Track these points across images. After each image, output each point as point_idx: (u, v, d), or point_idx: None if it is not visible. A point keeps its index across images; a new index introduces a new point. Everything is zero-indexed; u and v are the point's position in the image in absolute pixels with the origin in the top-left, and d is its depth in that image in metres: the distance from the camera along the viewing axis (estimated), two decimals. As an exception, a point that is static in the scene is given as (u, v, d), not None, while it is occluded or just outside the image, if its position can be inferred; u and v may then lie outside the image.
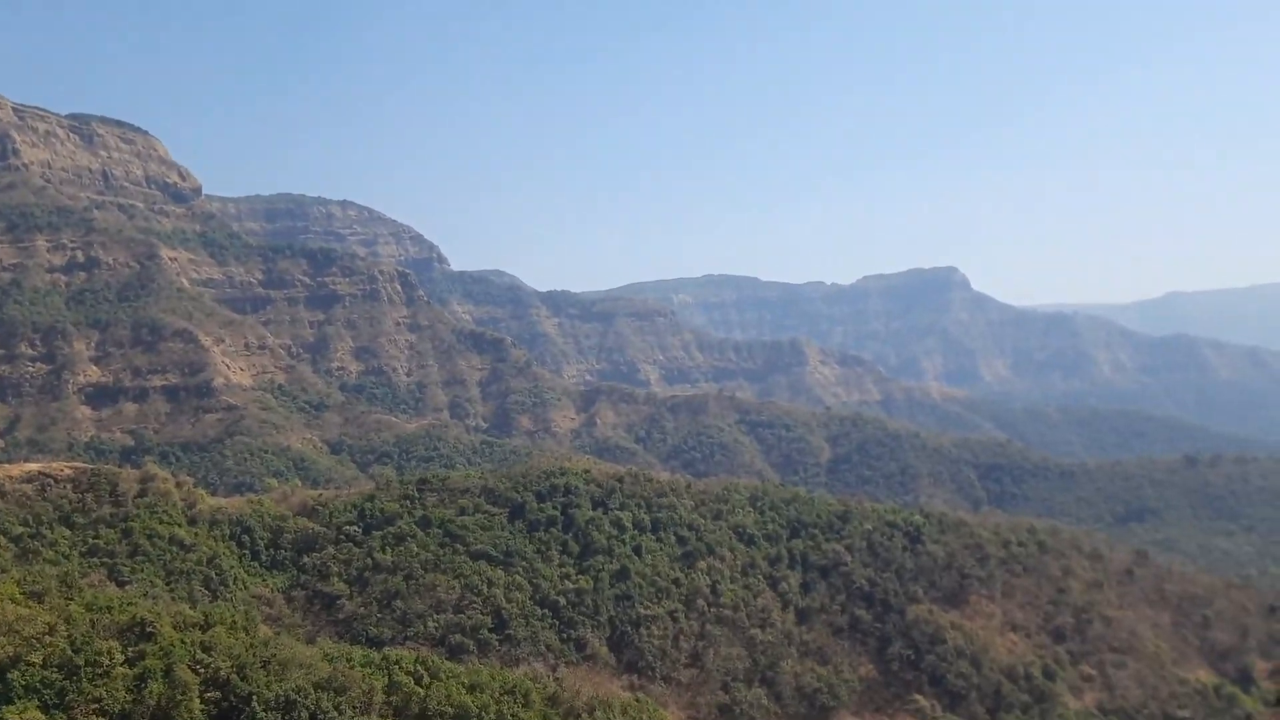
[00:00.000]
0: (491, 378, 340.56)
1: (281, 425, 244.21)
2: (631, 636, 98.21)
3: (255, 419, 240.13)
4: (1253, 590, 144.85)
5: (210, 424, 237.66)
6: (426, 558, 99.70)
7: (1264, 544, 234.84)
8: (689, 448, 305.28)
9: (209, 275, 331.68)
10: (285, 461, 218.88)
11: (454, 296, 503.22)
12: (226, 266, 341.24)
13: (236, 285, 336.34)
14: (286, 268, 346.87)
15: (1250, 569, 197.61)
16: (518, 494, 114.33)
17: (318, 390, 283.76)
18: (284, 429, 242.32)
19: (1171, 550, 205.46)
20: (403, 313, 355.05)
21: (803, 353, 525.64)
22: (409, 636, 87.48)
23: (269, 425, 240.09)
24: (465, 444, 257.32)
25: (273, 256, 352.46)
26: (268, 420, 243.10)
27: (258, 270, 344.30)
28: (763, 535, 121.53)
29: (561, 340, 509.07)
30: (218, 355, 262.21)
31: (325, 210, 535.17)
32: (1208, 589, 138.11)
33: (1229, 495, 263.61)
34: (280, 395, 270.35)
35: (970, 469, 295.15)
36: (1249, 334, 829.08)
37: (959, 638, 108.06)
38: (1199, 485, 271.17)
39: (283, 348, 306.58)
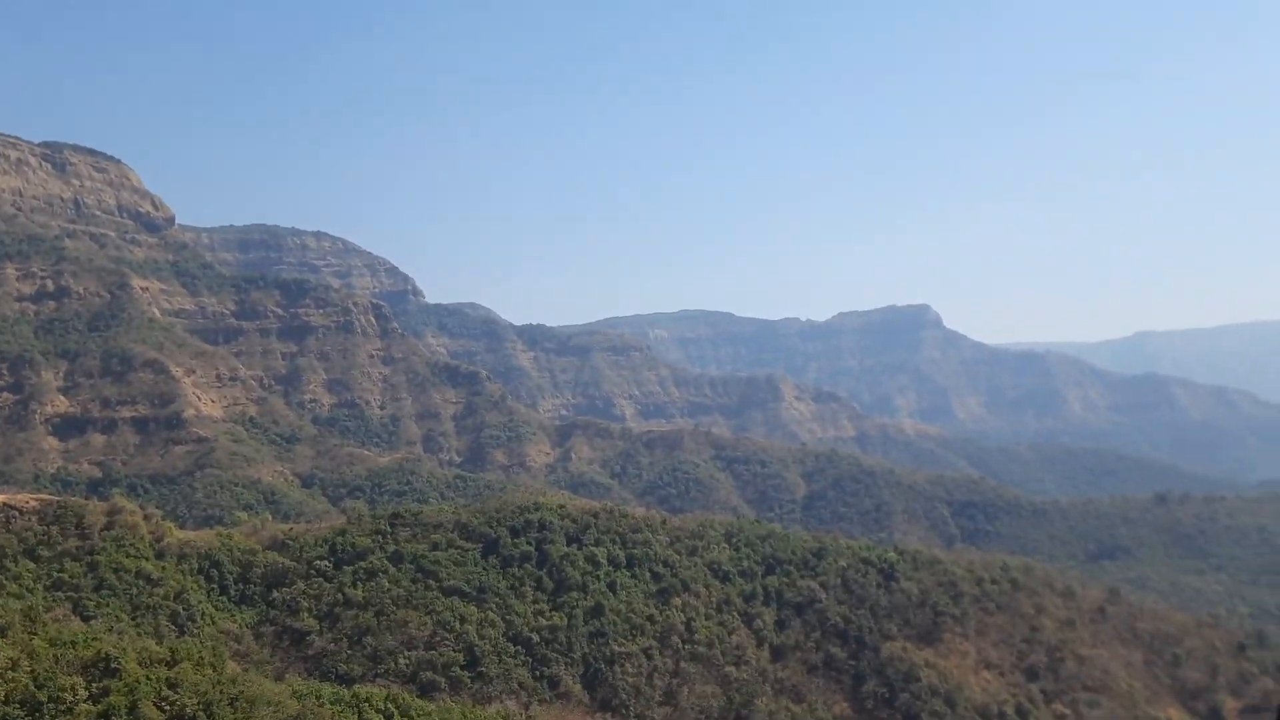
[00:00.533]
0: (466, 411, 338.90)
1: (252, 458, 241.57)
2: (605, 674, 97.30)
3: (226, 451, 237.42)
4: (1222, 628, 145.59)
5: (180, 456, 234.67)
6: (398, 593, 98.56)
7: (1232, 582, 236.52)
8: (664, 483, 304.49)
9: (181, 305, 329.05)
10: (256, 494, 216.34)
11: (429, 329, 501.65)
12: (199, 297, 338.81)
13: (209, 316, 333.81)
14: (259, 299, 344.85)
15: (1220, 607, 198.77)
16: (491, 529, 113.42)
17: (289, 423, 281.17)
18: (255, 461, 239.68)
19: (1143, 588, 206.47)
20: (376, 345, 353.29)
21: (778, 389, 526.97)
22: (380, 673, 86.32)
23: (239, 458, 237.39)
24: (439, 478, 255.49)
25: (245, 287, 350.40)
26: (238, 453, 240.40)
27: (230, 301, 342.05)
28: (738, 572, 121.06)
29: (537, 374, 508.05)
30: (188, 386, 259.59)
31: (299, 241, 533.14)
32: (1179, 627, 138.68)
33: (1199, 534, 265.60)
34: (251, 427, 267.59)
35: (944, 506, 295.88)
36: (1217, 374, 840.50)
37: (933, 676, 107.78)
38: (1170, 523, 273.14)
39: (254, 379, 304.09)
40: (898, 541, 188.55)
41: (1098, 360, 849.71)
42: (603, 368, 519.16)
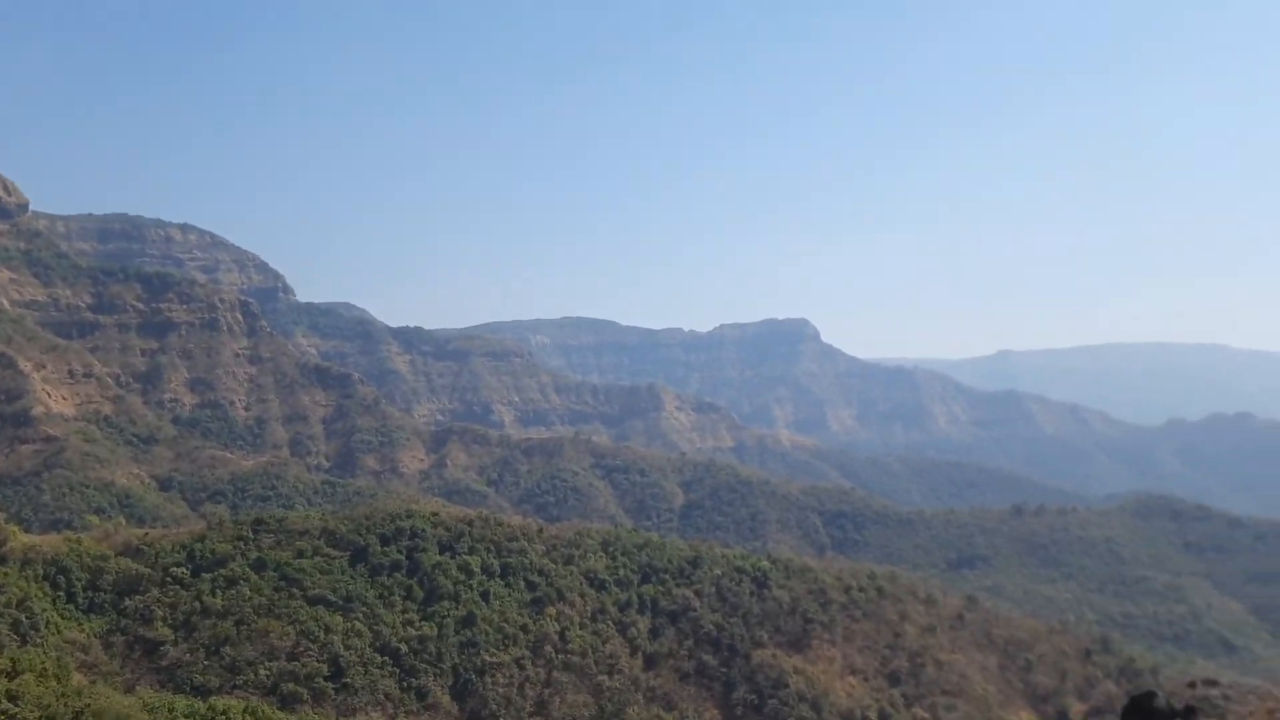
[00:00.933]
0: (336, 415, 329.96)
1: (106, 459, 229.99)
2: (475, 685, 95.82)
3: (77, 451, 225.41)
4: (1071, 634, 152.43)
5: (27, 455, 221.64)
6: (260, 602, 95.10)
7: (1081, 590, 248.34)
8: (542, 491, 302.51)
9: (32, 297, 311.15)
10: (109, 497, 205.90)
11: (299, 329, 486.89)
12: (52, 288, 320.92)
13: (62, 308, 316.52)
14: (118, 292, 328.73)
15: (1069, 614, 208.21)
16: (360, 536, 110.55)
17: (147, 423, 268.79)
18: (109, 463, 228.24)
19: (999, 595, 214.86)
20: (243, 344, 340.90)
21: (659, 398, 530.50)
22: (238, 685, 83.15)
23: (92, 458, 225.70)
24: (306, 483, 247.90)
25: (104, 279, 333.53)
26: (91, 453, 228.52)
27: (86, 293, 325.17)
28: (614, 580, 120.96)
29: (413, 378, 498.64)
30: (38, 382, 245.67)
31: (163, 233, 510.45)
32: (1031, 633, 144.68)
33: (1051, 544, 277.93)
34: (106, 427, 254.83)
35: (816, 515, 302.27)
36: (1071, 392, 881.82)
37: (801, 682, 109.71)
38: (1025, 534, 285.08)
39: (111, 376, 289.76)
40: (771, 550, 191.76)
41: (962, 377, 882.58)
42: (482, 373, 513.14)
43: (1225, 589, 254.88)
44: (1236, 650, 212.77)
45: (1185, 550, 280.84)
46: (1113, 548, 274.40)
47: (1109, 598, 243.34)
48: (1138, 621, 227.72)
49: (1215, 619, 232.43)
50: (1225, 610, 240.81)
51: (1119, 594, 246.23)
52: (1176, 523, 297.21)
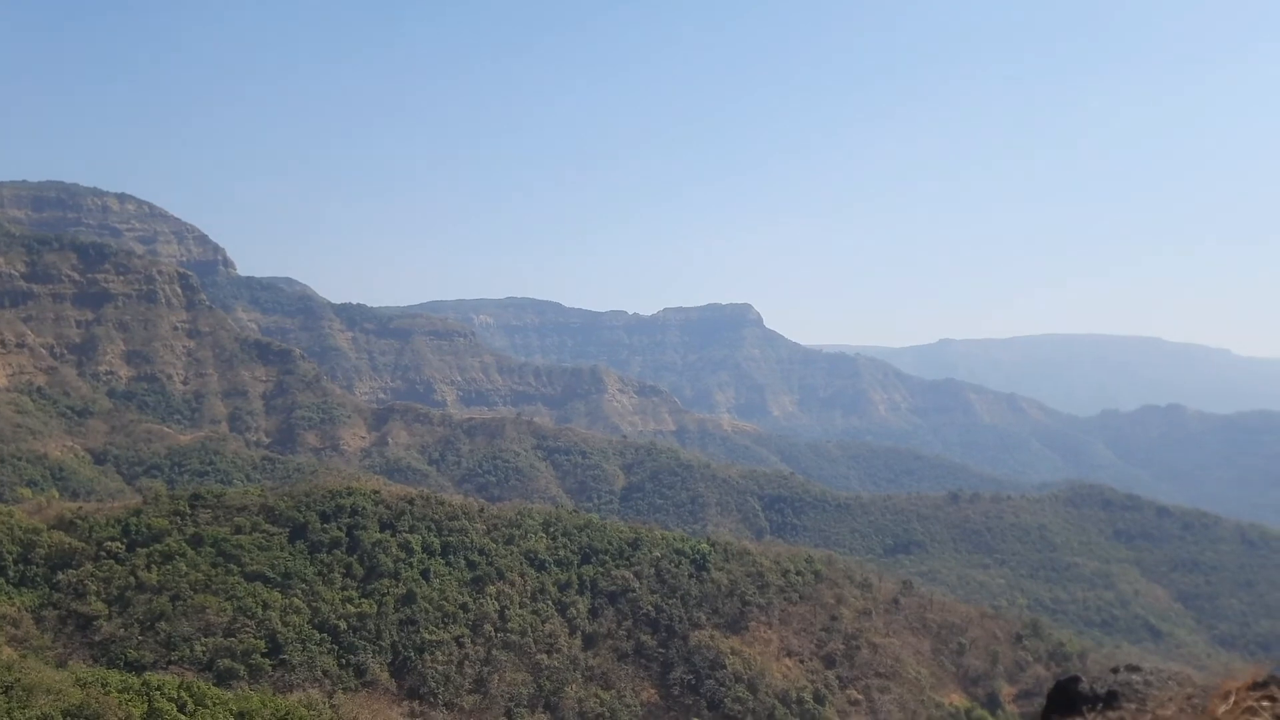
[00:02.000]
0: (277, 390, 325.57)
1: (39, 431, 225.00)
2: (415, 662, 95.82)
3: (9, 423, 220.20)
4: (1002, 619, 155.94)
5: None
6: (196, 578, 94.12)
7: (1014, 576, 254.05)
8: (484, 471, 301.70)
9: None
10: (41, 470, 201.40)
11: (239, 303, 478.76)
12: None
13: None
14: (53, 261, 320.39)
15: (1001, 599, 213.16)
16: (300, 513, 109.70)
17: (82, 395, 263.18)
18: (42, 435, 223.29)
19: (934, 581, 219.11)
20: (182, 317, 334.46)
21: (602, 381, 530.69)
22: (173, 661, 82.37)
23: (24, 430, 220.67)
24: (245, 459, 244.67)
25: (38, 248, 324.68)
26: (23, 425, 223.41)
27: (20, 262, 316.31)
28: (554, 561, 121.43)
29: (355, 355, 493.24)
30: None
31: (101, 202, 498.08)
32: (964, 618, 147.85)
33: (985, 530, 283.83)
34: (39, 398, 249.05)
35: (755, 499, 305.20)
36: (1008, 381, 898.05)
37: (738, 663, 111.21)
38: (960, 520, 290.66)
39: (44, 347, 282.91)
40: (710, 533, 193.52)
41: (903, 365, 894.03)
42: (424, 351, 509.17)
43: (1152, 576, 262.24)
44: (1162, 636, 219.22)
45: (1114, 538, 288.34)
46: (1045, 535, 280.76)
47: (1040, 583, 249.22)
48: (1067, 607, 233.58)
49: (1141, 605, 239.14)
50: (1151, 597, 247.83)
51: (1050, 580, 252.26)
52: (1107, 511, 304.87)
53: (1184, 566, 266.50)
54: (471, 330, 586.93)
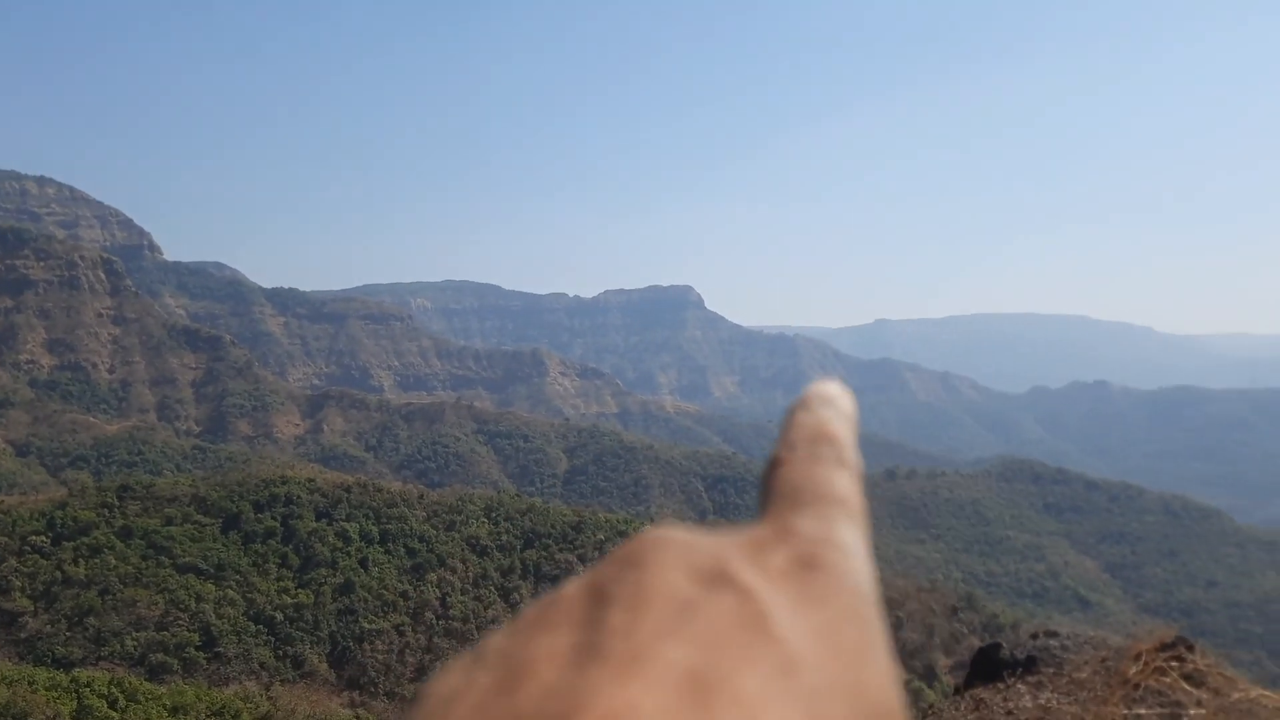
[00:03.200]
0: (207, 378, 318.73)
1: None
2: (354, 652, 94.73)
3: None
4: (939, 593, 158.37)
5: None
6: (126, 571, 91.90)
7: (949, 550, 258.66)
8: (424, 457, 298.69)
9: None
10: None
11: (167, 288, 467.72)
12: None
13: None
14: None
15: (938, 573, 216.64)
16: (232, 503, 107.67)
17: (2, 385, 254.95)
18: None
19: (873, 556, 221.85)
20: (106, 303, 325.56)
21: (543, 363, 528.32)
22: (103, 656, 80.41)
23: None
24: (175, 448, 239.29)
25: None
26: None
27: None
28: (496, 546, 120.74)
29: (288, 341, 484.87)
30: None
31: (18, 186, 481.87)
32: (901, 593, 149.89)
33: (922, 506, 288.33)
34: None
35: (698, 480, 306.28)
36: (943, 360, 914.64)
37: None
38: (897, 497, 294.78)
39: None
40: (654, 514, 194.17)
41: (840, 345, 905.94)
42: (360, 336, 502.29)
43: (1081, 548, 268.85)
44: (1091, 605, 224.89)
45: (1045, 511, 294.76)
46: (979, 509, 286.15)
47: (975, 557, 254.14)
48: (1000, 579, 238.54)
49: (1071, 576, 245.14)
50: (1081, 568, 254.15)
51: (984, 553, 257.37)
52: (1037, 485, 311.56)
53: (1111, 538, 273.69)
54: (409, 314, 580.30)
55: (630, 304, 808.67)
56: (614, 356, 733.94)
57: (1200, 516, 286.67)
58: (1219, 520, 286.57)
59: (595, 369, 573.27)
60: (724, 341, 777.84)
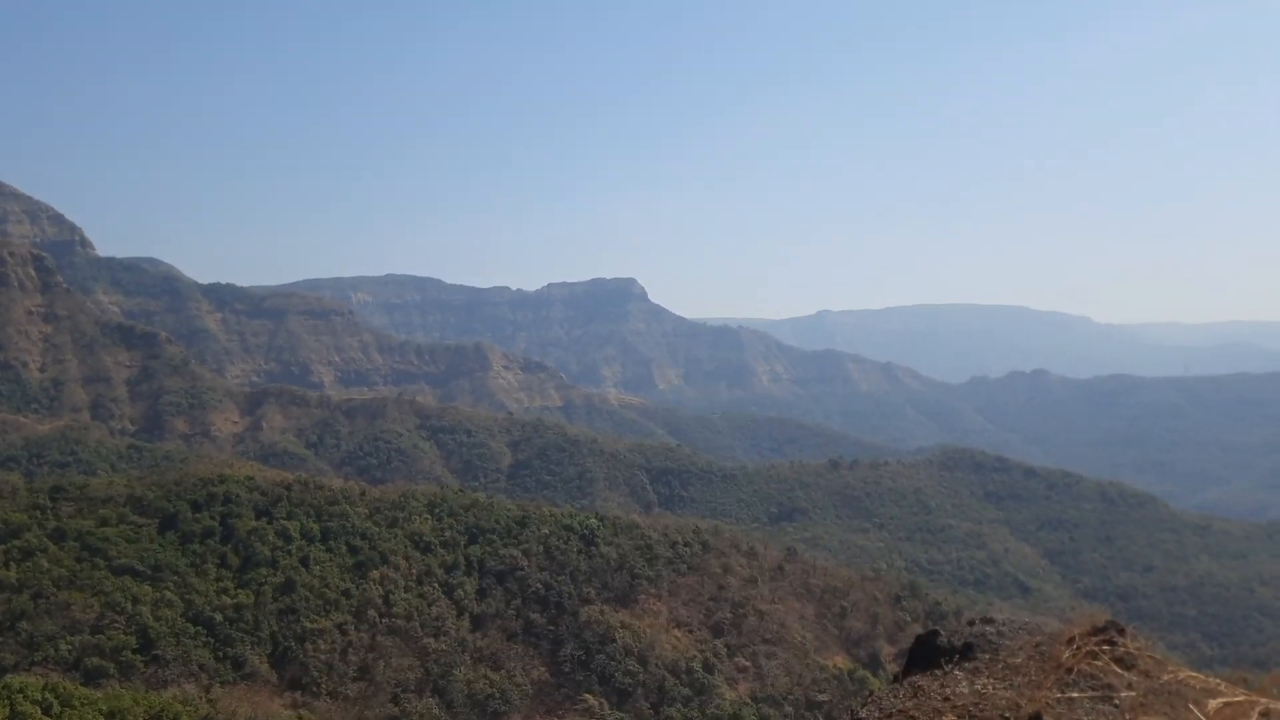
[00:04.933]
0: (142, 376, 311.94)
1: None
2: (296, 652, 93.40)
3: None
4: (882, 582, 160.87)
5: None
6: (60, 574, 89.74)
7: (892, 540, 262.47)
8: (365, 453, 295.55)
9: None
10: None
11: (100, 285, 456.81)
12: None
13: None
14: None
15: (881, 562, 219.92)
16: (169, 503, 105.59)
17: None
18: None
19: (817, 547, 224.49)
20: (36, 300, 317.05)
21: (486, 357, 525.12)
22: (37, 661, 78.56)
23: None
24: (109, 448, 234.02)
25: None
26: None
27: None
28: (440, 542, 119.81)
29: (225, 337, 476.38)
30: None
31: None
32: (846, 582, 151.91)
33: (865, 496, 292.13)
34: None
35: (643, 473, 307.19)
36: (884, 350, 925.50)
37: (627, 636, 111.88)
38: (840, 487, 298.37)
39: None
40: (599, 508, 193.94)
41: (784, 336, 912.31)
42: (299, 332, 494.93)
43: (1020, 535, 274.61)
44: (1031, 591, 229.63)
45: (985, 499, 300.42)
46: (920, 498, 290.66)
47: (917, 545, 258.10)
48: (942, 568, 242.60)
49: (1011, 563, 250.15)
50: (1021, 554, 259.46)
51: (926, 542, 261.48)
52: (978, 474, 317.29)
53: (1050, 525, 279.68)
54: (349, 309, 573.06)
55: (573, 297, 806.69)
56: (558, 350, 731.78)
57: (1135, 503, 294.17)
58: (1154, 506, 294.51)
59: (539, 362, 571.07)
60: (668, 334, 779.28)
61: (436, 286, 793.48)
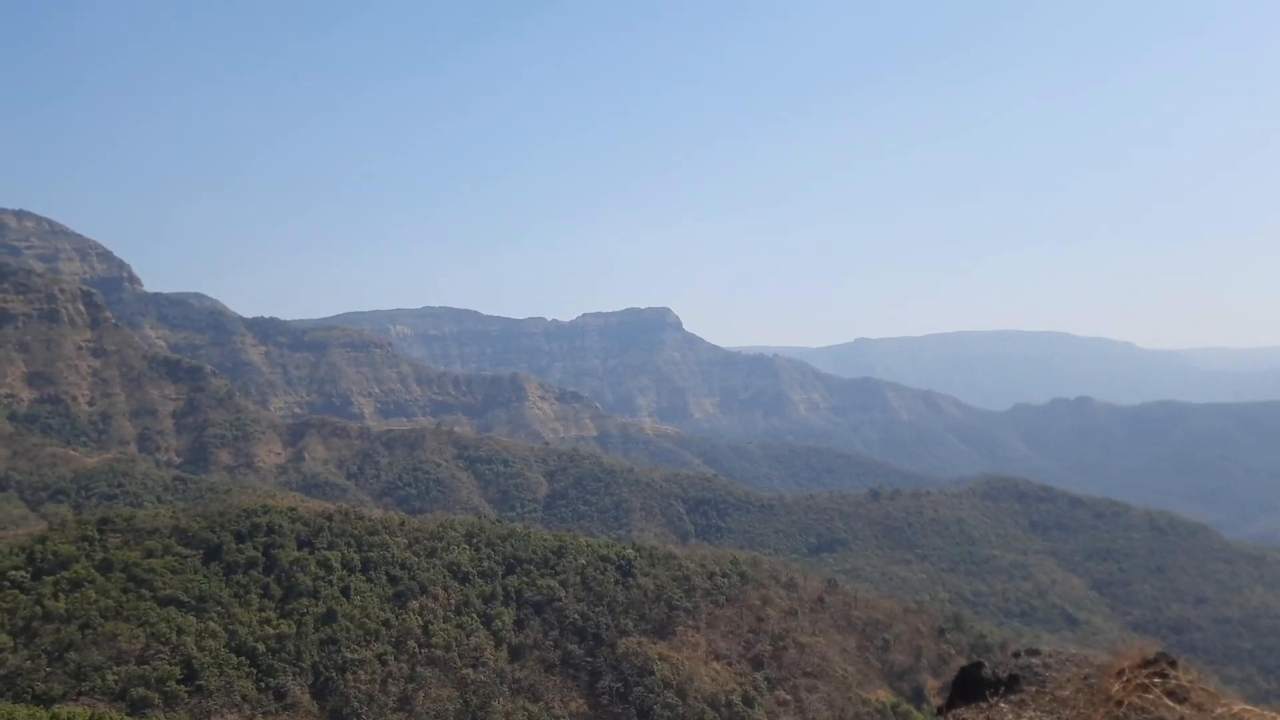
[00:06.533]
0: (188, 408, 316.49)
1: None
2: (337, 682, 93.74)
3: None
4: (925, 614, 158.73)
5: None
6: (107, 605, 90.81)
7: (935, 571, 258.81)
8: (404, 484, 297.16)
9: None
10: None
11: (147, 320, 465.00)
12: None
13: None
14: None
15: (923, 594, 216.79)
16: (214, 534, 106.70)
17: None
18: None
19: (858, 578, 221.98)
20: (86, 336, 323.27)
21: (522, 388, 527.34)
22: (84, 692, 79.44)
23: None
24: (155, 480, 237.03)
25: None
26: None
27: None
28: (478, 572, 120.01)
29: (269, 370, 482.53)
30: None
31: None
32: (888, 614, 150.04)
33: (906, 526, 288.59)
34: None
35: (680, 503, 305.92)
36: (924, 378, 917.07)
37: (666, 669, 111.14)
38: (881, 517, 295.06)
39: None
40: (635, 538, 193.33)
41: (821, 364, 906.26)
42: (340, 364, 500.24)
43: (1067, 565, 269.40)
44: (1078, 624, 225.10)
45: (1030, 529, 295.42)
46: (963, 528, 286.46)
47: (961, 577, 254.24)
48: (987, 599, 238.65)
49: (1058, 594, 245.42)
50: (1068, 586, 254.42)
51: (970, 573, 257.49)
52: (1022, 503, 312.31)
53: (1098, 555, 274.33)
54: (388, 341, 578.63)
55: (608, 327, 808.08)
56: (593, 379, 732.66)
57: (1187, 532, 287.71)
58: (1206, 536, 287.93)
59: (574, 392, 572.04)
60: (703, 363, 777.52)
61: (473, 318, 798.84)
